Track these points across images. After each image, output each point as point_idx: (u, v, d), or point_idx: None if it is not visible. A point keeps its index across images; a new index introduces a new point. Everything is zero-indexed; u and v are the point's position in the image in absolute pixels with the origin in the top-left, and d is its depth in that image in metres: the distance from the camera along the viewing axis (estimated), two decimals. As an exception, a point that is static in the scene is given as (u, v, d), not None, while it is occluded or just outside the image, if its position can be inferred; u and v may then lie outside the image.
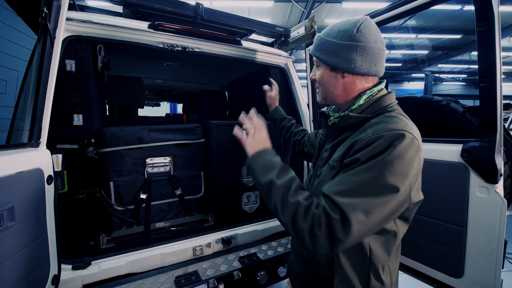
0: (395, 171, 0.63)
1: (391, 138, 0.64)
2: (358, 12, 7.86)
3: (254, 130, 0.89)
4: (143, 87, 2.17)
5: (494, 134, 0.96)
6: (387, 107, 0.76)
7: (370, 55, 0.76)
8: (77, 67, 1.42)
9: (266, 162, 0.79)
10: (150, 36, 1.56)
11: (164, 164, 1.59)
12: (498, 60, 0.90)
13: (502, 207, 0.95)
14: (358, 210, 0.62)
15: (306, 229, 0.64)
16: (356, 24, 0.76)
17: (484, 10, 0.89)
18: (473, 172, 1.02)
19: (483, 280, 1.01)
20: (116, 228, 1.48)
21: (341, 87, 0.82)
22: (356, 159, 0.67)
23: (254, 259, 1.60)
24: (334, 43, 0.78)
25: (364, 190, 0.63)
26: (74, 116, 1.41)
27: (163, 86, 3.78)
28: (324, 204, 0.65)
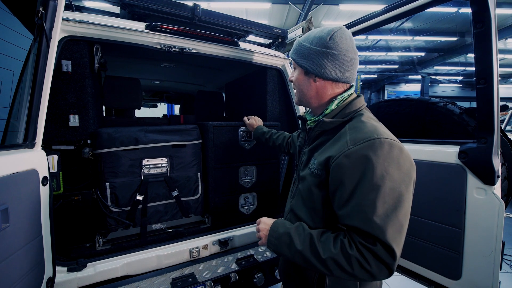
0: (395, 178, 0.67)
1: (371, 148, 0.68)
2: (354, 14, 7.91)
3: (260, 228, 0.91)
4: (140, 88, 2.16)
5: (491, 135, 0.96)
6: (357, 110, 0.81)
7: (340, 63, 0.81)
8: (74, 67, 1.40)
9: (281, 238, 0.82)
10: (147, 37, 1.55)
11: (161, 165, 1.58)
12: (494, 62, 0.91)
13: (500, 208, 0.95)
14: (390, 229, 0.65)
15: (358, 271, 0.67)
16: (330, 32, 0.81)
17: (481, 12, 0.89)
18: (471, 174, 1.02)
19: (481, 282, 1.01)
20: (112, 229, 1.46)
21: (313, 91, 0.87)
22: (353, 180, 0.69)
23: (251, 261, 1.59)
24: (308, 48, 0.83)
25: (384, 210, 0.65)
26: (70, 117, 1.40)
27: (160, 87, 3.77)
28: (357, 239, 0.68)
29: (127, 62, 2.41)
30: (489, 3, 0.87)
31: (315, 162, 0.81)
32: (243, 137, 1.83)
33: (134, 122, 2.32)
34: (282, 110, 2.21)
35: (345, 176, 0.70)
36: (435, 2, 1.08)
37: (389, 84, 15.92)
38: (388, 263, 0.65)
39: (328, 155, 0.75)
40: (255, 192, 1.91)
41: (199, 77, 3.06)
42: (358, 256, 0.66)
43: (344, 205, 0.71)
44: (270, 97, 2.12)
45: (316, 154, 0.84)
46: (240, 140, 1.81)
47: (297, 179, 0.94)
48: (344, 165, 0.70)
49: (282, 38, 2.15)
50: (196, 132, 1.70)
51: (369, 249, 0.65)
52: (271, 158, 1.96)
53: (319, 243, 0.73)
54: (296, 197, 0.92)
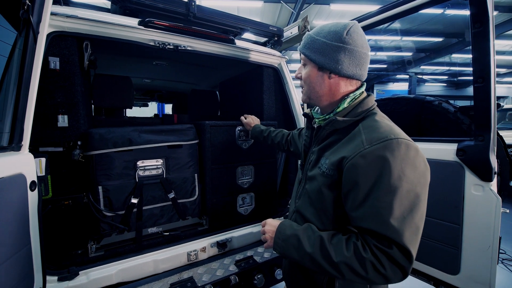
0: (412, 179, 0.65)
1: (389, 148, 0.66)
2: (345, 14, 8.00)
3: (265, 230, 0.89)
4: (132, 87, 2.10)
5: (488, 133, 0.98)
6: (369, 109, 0.79)
7: (357, 59, 0.79)
8: (62, 64, 1.34)
9: (288, 240, 0.79)
10: (140, 34, 1.50)
11: (156, 166, 1.53)
12: (492, 61, 0.92)
13: (497, 204, 0.97)
14: (407, 232, 0.63)
15: (372, 275, 0.65)
16: (346, 27, 0.77)
17: (479, 12, 0.90)
18: (468, 171, 1.04)
19: (479, 275, 1.03)
20: (105, 235, 1.40)
21: (326, 88, 0.83)
22: (368, 181, 0.67)
23: (250, 262, 1.57)
24: (323, 42, 0.79)
25: (401, 212, 0.64)
26: (59, 117, 1.33)
27: (151, 85, 3.68)
28: (371, 242, 0.66)
29: (117, 60, 2.33)
30: (487, 4, 0.88)
31: (327, 162, 0.78)
32: (240, 136, 1.80)
33: (125, 122, 2.25)
34: (278, 109, 2.19)
35: (361, 177, 0.68)
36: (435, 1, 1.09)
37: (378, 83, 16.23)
38: (404, 266, 0.64)
39: (342, 155, 0.73)
40: (253, 192, 1.89)
41: (193, 75, 3.01)
42: (372, 260, 0.64)
43: (358, 207, 0.68)
44: (266, 96, 2.10)
45: (327, 153, 0.81)
46: (238, 140, 1.79)
47: (304, 179, 0.90)
48: (360, 166, 0.68)
49: (278, 36, 2.14)
50: (193, 132, 1.66)
51: (384, 252, 0.64)
52: (269, 157, 1.94)
53: (330, 246, 0.71)
54: (302, 198, 0.89)
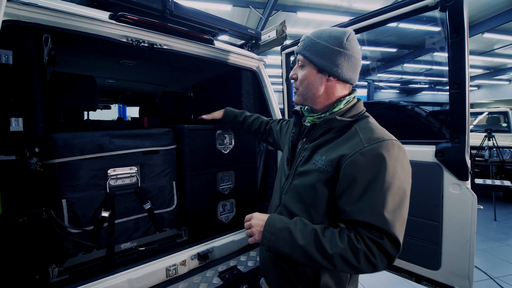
0: (401, 177, 0.72)
1: (386, 148, 0.72)
2: (311, 22, 8.37)
3: (252, 224, 0.87)
4: (96, 87, 1.90)
5: (464, 135, 1.06)
6: (361, 112, 0.86)
7: (354, 64, 0.84)
8: (16, 59, 1.14)
9: (278, 233, 0.79)
10: (111, 28, 1.35)
11: (130, 175, 1.39)
12: (467, 69, 1.00)
13: (473, 201, 1.06)
14: (397, 224, 0.70)
15: (363, 264, 0.70)
16: (346, 33, 0.82)
17: (456, 24, 0.98)
18: (446, 171, 1.12)
19: (459, 269, 1.11)
20: (70, 255, 1.22)
21: (323, 90, 0.86)
22: (366, 177, 0.72)
23: (235, 272, 1.50)
24: (325, 46, 0.82)
25: (393, 206, 0.70)
26: (12, 120, 1.13)
27: (115, 86, 3.40)
28: (365, 234, 0.71)
29: (77, 57, 2.10)
30: (464, 17, 0.95)
31: (323, 158, 0.81)
32: (220, 140, 1.73)
33: (88, 126, 2.02)
34: (257, 112, 2.16)
35: (359, 173, 0.72)
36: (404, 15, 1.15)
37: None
38: (392, 255, 0.70)
39: (341, 153, 0.77)
40: (233, 199, 1.82)
41: (163, 77, 2.85)
42: (365, 250, 0.69)
43: (355, 201, 0.73)
44: (245, 99, 2.06)
45: (321, 150, 0.84)
46: (218, 144, 1.71)
47: (292, 174, 0.92)
48: (359, 162, 0.73)
49: (256, 39, 2.12)
50: (170, 137, 1.54)
51: (376, 243, 0.69)
52: (249, 162, 1.90)
53: (324, 238, 0.74)
54: (290, 193, 0.90)
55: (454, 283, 1.12)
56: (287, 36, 2.08)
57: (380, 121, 0.89)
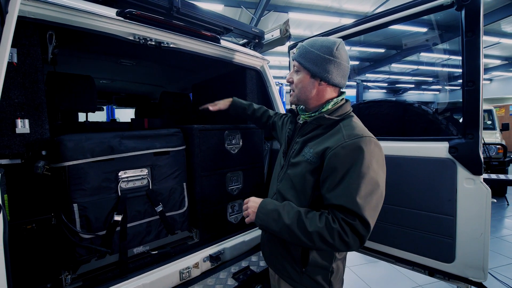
0: (375, 169, 0.82)
1: (363, 143, 0.82)
2: (302, 22, 8.44)
3: (248, 205, 1.01)
4: (94, 87, 1.84)
5: (477, 131, 1.09)
6: (347, 112, 0.96)
7: (342, 70, 0.95)
8: (20, 57, 1.08)
9: (269, 214, 0.92)
10: (118, 26, 1.31)
11: (141, 177, 1.35)
12: (481, 67, 1.04)
13: (487, 194, 1.09)
14: (368, 208, 0.79)
15: (337, 242, 0.80)
16: (336, 43, 0.93)
17: (473, 23, 1.01)
18: (460, 166, 1.15)
19: (473, 261, 1.14)
20: (83, 261, 1.17)
21: (315, 92, 0.97)
22: (344, 167, 0.82)
23: (248, 273, 1.48)
24: (317, 55, 0.93)
25: (365, 193, 0.80)
26: (18, 121, 1.07)
27: (109, 87, 3.30)
28: (339, 216, 0.81)
29: (74, 56, 2.02)
30: (480, 16, 0.98)
31: (311, 151, 0.92)
32: (229, 140, 1.71)
33: (87, 128, 1.95)
34: (261, 112, 2.15)
35: (339, 164, 0.83)
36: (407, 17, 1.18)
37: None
38: (362, 235, 0.79)
39: (326, 146, 0.88)
40: (242, 199, 1.80)
41: (162, 77, 2.79)
42: (339, 230, 0.79)
43: (334, 188, 0.83)
44: (250, 99, 2.04)
45: (310, 144, 0.95)
46: (227, 144, 1.69)
47: (286, 165, 1.04)
48: (340, 155, 0.83)
49: (259, 38, 2.11)
50: (180, 137, 1.51)
51: (349, 224, 0.79)
52: (256, 161, 1.89)
53: (306, 219, 0.84)
54: (284, 181, 1.02)
55: (468, 274, 1.16)
56: (291, 36, 2.09)
57: (385, 119, 0.94)
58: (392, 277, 2.68)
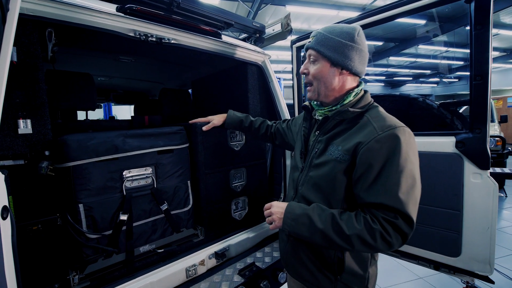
0: (413, 161, 0.78)
1: (399, 134, 0.77)
2: (300, 16, 8.34)
3: (272, 211, 0.94)
4: (94, 85, 1.81)
5: (485, 126, 1.09)
6: (370, 103, 0.90)
7: (363, 58, 0.90)
8: (20, 55, 1.06)
9: (298, 219, 0.85)
10: (118, 22, 1.28)
11: (146, 175, 1.34)
12: (490, 61, 1.03)
13: (494, 189, 1.09)
14: (410, 204, 0.75)
15: (379, 243, 0.75)
16: (355, 29, 0.88)
17: (483, 15, 1.00)
18: (467, 161, 1.15)
19: (479, 255, 1.15)
20: (90, 261, 1.16)
21: (336, 83, 0.90)
22: (381, 161, 0.77)
23: (254, 269, 1.49)
24: (338, 41, 0.86)
25: (406, 188, 0.75)
26: (20, 122, 1.05)
27: (107, 84, 3.25)
28: (379, 215, 0.76)
29: (72, 53, 1.98)
30: (490, 9, 0.97)
31: (339, 149, 0.85)
32: (232, 137, 1.69)
33: (88, 126, 1.93)
34: (263, 109, 2.14)
35: (374, 159, 0.77)
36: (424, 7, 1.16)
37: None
38: (406, 233, 0.75)
39: (357, 141, 0.81)
40: (246, 196, 1.80)
41: (160, 74, 2.75)
42: (381, 230, 0.74)
43: (371, 185, 0.78)
44: (251, 94, 2.03)
45: (336, 141, 0.88)
46: (230, 141, 1.68)
47: (307, 166, 0.96)
48: (375, 149, 0.77)
49: (260, 33, 2.08)
50: (183, 135, 1.49)
51: (390, 223, 0.74)
52: (259, 158, 1.88)
53: (341, 221, 0.79)
54: (306, 185, 0.95)
55: (474, 268, 1.17)
56: (292, 30, 2.06)
57: (392, 113, 0.94)
58: (392, 269, 2.72)
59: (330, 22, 1.99)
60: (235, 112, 1.48)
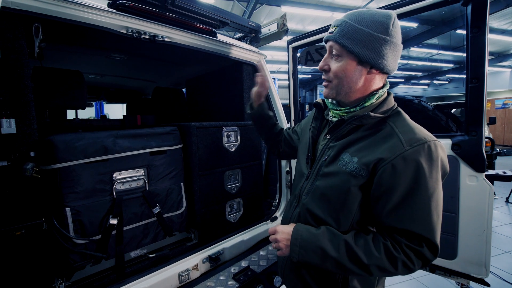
0: (439, 180, 0.70)
1: (432, 151, 0.68)
2: (294, 16, 8.36)
3: (278, 238, 0.83)
4: (84, 83, 1.75)
5: (480, 128, 1.09)
6: (394, 107, 0.79)
7: (397, 53, 0.75)
8: (4, 52, 1.00)
9: (307, 246, 0.76)
10: (110, 18, 1.23)
11: (137, 177, 1.29)
12: (486, 63, 1.02)
13: (490, 192, 1.09)
14: (438, 230, 0.69)
15: (400, 270, 0.69)
16: (391, 17, 0.72)
17: (479, 18, 0.99)
18: (463, 163, 1.15)
19: (475, 257, 1.15)
20: (77, 268, 1.11)
21: (361, 83, 0.76)
22: (408, 183, 0.68)
23: (249, 273, 1.46)
24: (369, 34, 0.71)
25: (436, 213, 0.69)
26: (3, 121, 1.00)
27: (99, 82, 3.17)
28: (402, 241, 0.68)
29: (62, 50, 1.91)
30: (486, 12, 0.97)
31: (355, 161, 0.74)
32: (227, 138, 1.66)
33: (77, 126, 1.86)
34: (258, 109, 2.11)
35: (400, 179, 0.68)
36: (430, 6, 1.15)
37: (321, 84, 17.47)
38: (429, 260, 0.69)
39: (379, 157, 0.70)
40: (241, 198, 1.77)
41: (154, 72, 2.69)
42: (404, 258, 0.68)
43: (395, 208, 0.69)
44: (247, 94, 2.00)
45: (351, 150, 0.76)
46: (225, 142, 1.65)
47: (314, 174, 0.85)
48: (401, 168, 0.67)
49: (256, 32, 2.05)
50: (177, 135, 1.45)
51: (415, 250, 0.68)
52: (255, 159, 1.85)
53: (357, 248, 0.71)
54: (312, 195, 0.84)
55: (470, 271, 1.17)
56: (288, 30, 2.04)
57: None
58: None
59: (325, 23, 1.97)
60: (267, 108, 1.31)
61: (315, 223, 0.83)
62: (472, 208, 1.14)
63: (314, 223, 0.83)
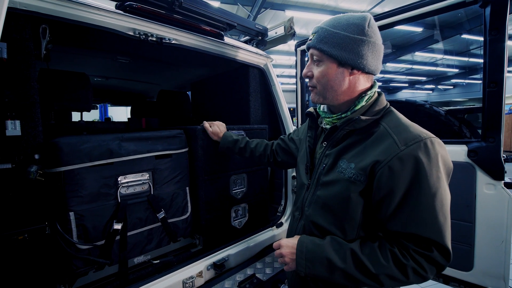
0: (443, 178, 0.66)
1: (428, 148, 0.65)
2: (298, 20, 8.39)
3: (283, 253, 0.82)
4: (90, 85, 1.74)
5: (499, 135, 1.05)
6: (385, 108, 0.77)
7: (378, 52, 0.76)
8: (11, 52, 0.99)
9: (313, 258, 0.74)
10: (118, 20, 1.22)
11: (142, 182, 1.26)
12: (505, 67, 0.99)
13: (509, 201, 1.05)
14: (447, 232, 0.65)
15: (411, 278, 0.66)
16: (366, 18, 0.74)
17: (498, 20, 0.96)
18: (480, 171, 1.10)
19: (493, 270, 1.10)
20: (80, 274, 1.08)
21: (346, 85, 0.77)
22: (407, 183, 0.65)
23: (255, 281, 1.42)
24: (345, 36, 0.73)
25: (442, 213, 0.65)
26: (8, 123, 0.98)
27: (104, 85, 3.18)
28: (410, 246, 0.66)
29: (68, 52, 1.91)
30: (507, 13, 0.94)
31: (352, 166, 0.73)
32: None
33: (82, 128, 1.85)
34: (265, 113, 2.08)
35: (399, 181, 0.66)
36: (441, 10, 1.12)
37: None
38: (442, 265, 0.66)
39: (374, 159, 0.69)
40: (246, 203, 1.74)
41: (160, 75, 2.69)
42: (414, 265, 0.65)
43: (398, 212, 0.67)
44: (253, 98, 1.97)
45: (347, 156, 0.76)
46: (231, 146, 1.61)
47: (314, 185, 0.84)
48: (398, 169, 0.66)
49: (262, 35, 2.03)
50: (183, 139, 1.43)
51: (424, 256, 0.65)
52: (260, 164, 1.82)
53: (364, 258, 0.69)
54: (314, 205, 0.83)
55: (487, 283, 1.12)
56: (295, 33, 2.02)
57: None
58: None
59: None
60: (231, 133, 1.43)
61: (320, 234, 0.81)
62: (490, 217, 1.09)
63: (320, 235, 0.81)
